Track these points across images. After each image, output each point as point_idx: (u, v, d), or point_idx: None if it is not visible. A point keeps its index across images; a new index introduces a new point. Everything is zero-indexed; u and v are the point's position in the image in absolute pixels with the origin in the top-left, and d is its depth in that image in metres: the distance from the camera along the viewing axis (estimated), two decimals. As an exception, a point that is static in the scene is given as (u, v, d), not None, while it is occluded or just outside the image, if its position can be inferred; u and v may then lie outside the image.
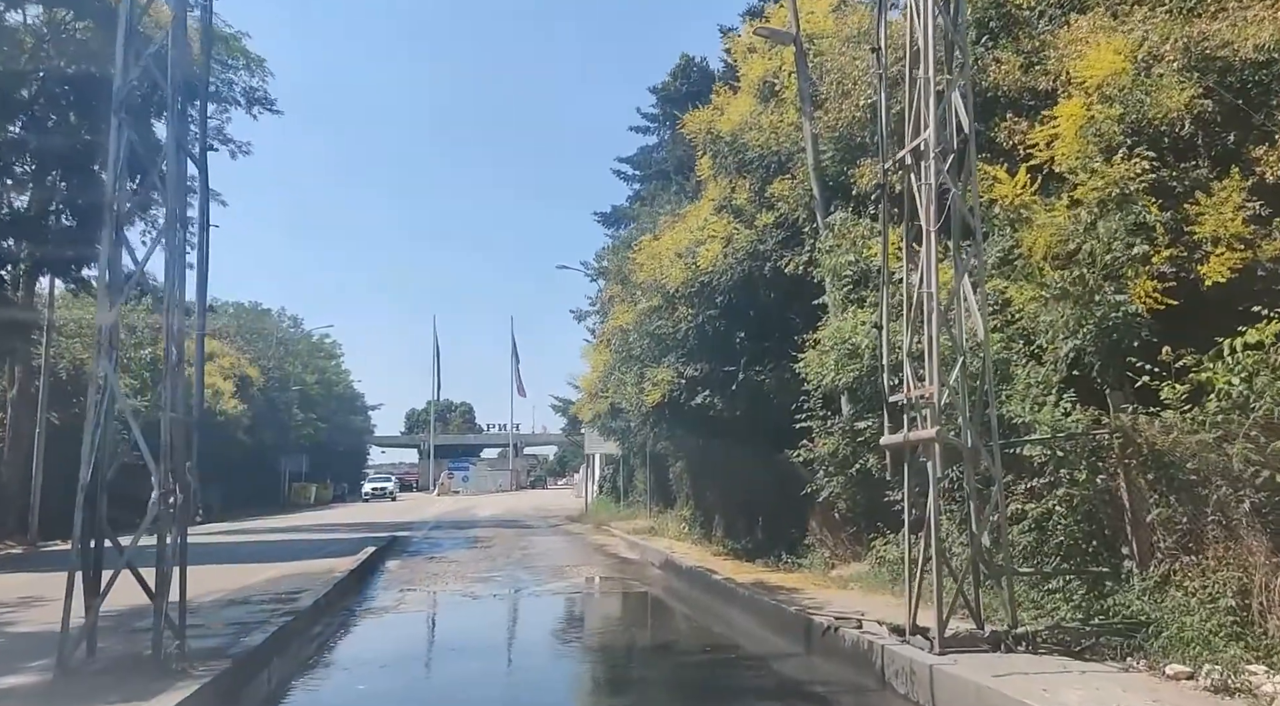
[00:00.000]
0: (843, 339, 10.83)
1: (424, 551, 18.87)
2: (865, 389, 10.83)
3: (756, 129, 14.06)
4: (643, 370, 15.63)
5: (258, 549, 18.63)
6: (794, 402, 12.99)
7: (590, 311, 28.85)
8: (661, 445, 21.23)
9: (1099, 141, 9.19)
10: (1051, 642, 7.03)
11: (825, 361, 11.22)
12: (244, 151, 29.13)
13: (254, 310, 76.02)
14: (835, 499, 12.10)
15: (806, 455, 12.41)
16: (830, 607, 9.58)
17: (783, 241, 13.68)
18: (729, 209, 14.32)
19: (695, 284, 14.29)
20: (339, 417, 78.37)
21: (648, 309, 15.36)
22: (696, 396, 14.55)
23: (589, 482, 40.50)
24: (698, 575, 13.07)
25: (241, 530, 26.31)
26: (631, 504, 30.33)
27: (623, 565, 16.46)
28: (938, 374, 7.16)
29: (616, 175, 40.78)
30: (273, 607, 9.47)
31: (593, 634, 10.59)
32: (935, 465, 7.14)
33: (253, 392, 48.95)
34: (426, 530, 26.45)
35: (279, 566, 14.09)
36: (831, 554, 13.31)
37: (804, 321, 13.66)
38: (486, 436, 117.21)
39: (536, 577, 14.44)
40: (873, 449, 11.07)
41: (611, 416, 24.18)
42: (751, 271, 13.92)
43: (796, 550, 14.00)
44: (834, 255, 11.16)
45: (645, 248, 15.77)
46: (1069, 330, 8.31)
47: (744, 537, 16.47)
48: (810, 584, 11.72)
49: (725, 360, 14.57)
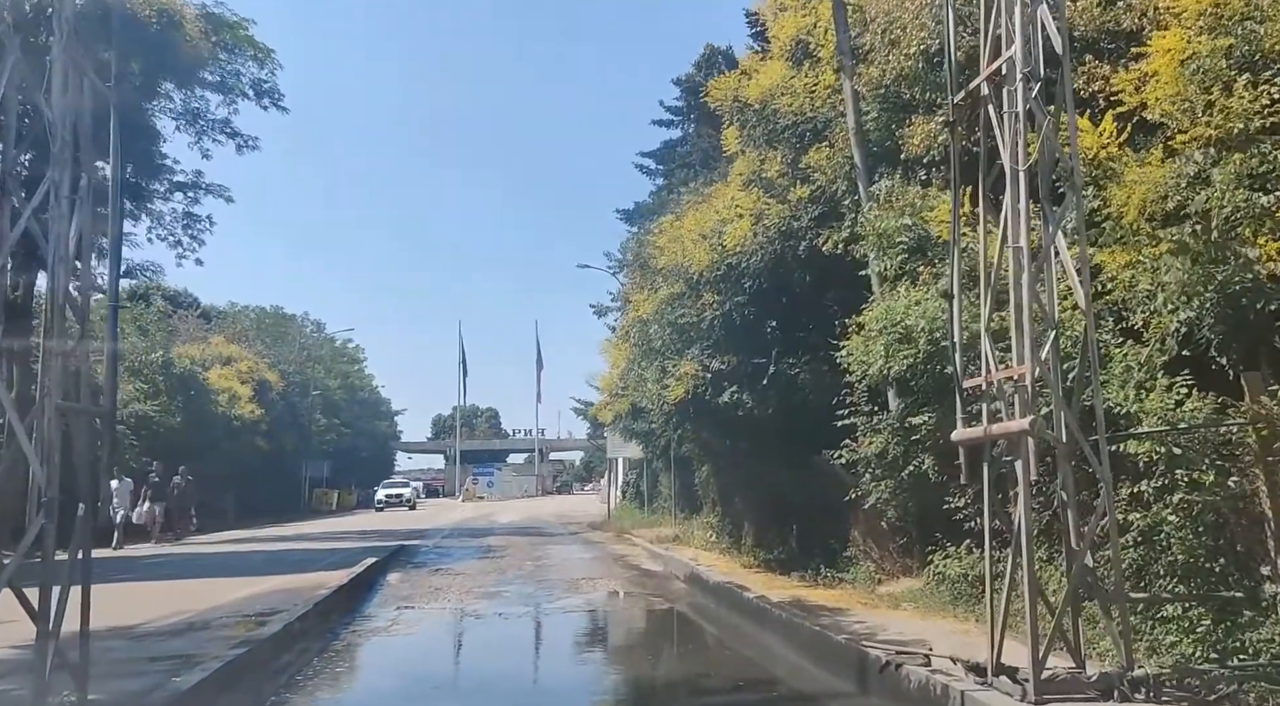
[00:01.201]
0: (893, 321, 9.36)
1: (431, 562, 17.54)
2: (921, 378, 9.34)
3: (789, 94, 12.62)
4: (664, 364, 14.21)
5: (254, 560, 17.40)
6: (832, 398, 11.55)
7: (611, 307, 27.50)
8: (686, 447, 19.76)
9: (1202, 80, 7.70)
10: (1177, 689, 5.55)
11: (872, 348, 9.76)
12: (251, 146, 28.03)
13: (275, 314, 75.48)
14: (883, 506, 10.61)
15: (849, 456, 10.95)
16: (884, 634, 8.12)
17: (819, 217, 12.23)
18: (758, 183, 12.89)
19: (721, 267, 12.87)
20: (363, 423, 77.65)
21: (669, 296, 13.94)
22: (723, 392, 13.11)
23: (612, 488, 39.10)
24: (726, 591, 11.61)
25: (248, 539, 25.15)
26: (656, 510, 28.90)
27: (644, 578, 15.03)
28: (1029, 351, 5.69)
29: (639, 170, 39.44)
30: (231, 635, 8.14)
31: (606, 664, 9.19)
32: (1028, 465, 5.68)
33: (272, 397, 48.05)
34: (439, 538, 25.15)
35: (266, 580, 12.81)
36: (877, 567, 11.82)
37: (843, 308, 12.21)
38: (512, 442, 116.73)
39: (549, 593, 13.05)
40: (929, 448, 9.60)
41: (633, 417, 22.77)
42: (784, 252, 12.48)
43: (836, 563, 12.52)
44: (884, 219, 9.68)
45: (666, 229, 14.34)
46: (1180, 299, 6.81)
47: (776, 548, 15.00)
48: (855, 602, 10.25)
49: (755, 352, 13.13)
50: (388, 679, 8.21)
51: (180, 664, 6.72)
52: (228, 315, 64.92)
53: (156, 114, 26.12)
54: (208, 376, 40.76)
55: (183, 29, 20.34)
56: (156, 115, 26.20)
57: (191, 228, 28.30)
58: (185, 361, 38.86)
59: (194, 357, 41.34)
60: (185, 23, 20.66)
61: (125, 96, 18.94)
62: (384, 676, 8.29)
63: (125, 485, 21.99)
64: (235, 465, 39.28)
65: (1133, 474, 6.85)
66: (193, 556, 18.85)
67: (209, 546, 22.27)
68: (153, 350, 36.06)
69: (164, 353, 36.47)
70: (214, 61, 25.19)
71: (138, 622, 8.83)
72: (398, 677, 8.33)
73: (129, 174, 20.72)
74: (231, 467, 38.98)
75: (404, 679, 8.25)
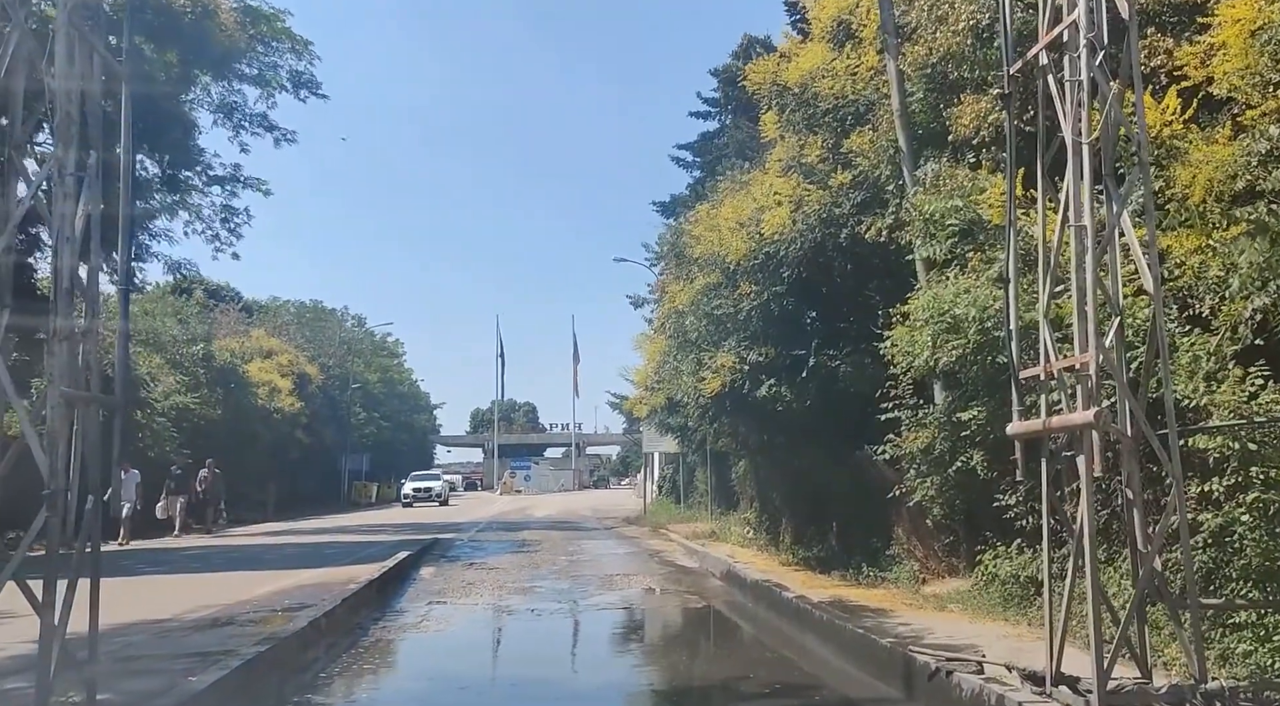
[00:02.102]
0: (941, 310, 8.92)
1: (464, 556, 17.36)
2: (971, 370, 8.91)
3: (829, 76, 12.18)
4: (700, 356, 13.84)
5: (287, 554, 17.33)
6: (875, 392, 11.15)
7: (648, 298, 27.14)
8: (722, 441, 19.38)
9: (1275, 51, 7.20)
10: (1254, 702, 5.12)
11: (918, 338, 9.33)
12: (289, 139, 28.09)
13: (316, 309, 76.12)
14: (928, 503, 10.18)
15: (893, 452, 10.54)
16: (931, 637, 7.74)
17: (861, 204, 11.80)
18: (798, 169, 12.46)
19: (759, 256, 12.47)
20: (402, 416, 78.11)
21: (705, 286, 13.57)
22: (761, 385, 12.71)
23: (648, 483, 38.82)
24: (764, 590, 11.26)
25: (286, 531, 25.21)
26: (692, 505, 28.55)
27: (679, 575, 14.71)
28: (1093, 338, 5.28)
29: (675, 162, 38.97)
30: (257, 630, 7.95)
31: (640, 665, 8.88)
32: (1091, 460, 5.26)
33: (311, 391, 48.38)
34: (474, 532, 25.03)
35: (298, 574, 12.68)
36: (921, 567, 11.39)
37: (885, 298, 11.79)
38: (549, 436, 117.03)
39: (583, 589, 12.79)
40: (978, 444, 9.16)
41: (669, 411, 22.43)
42: (824, 240, 12.06)
43: (878, 561, 12.10)
44: (932, 201, 9.24)
45: (703, 218, 13.96)
46: (1255, 284, 6.34)
47: (816, 545, 14.60)
48: (899, 603, 9.85)
49: (793, 343, 12.73)
50: (414, 680, 7.98)
51: (199, 661, 6.52)
52: (269, 309, 65.56)
53: (195, 107, 26.25)
54: (248, 369, 41.05)
55: (217, 18, 20.33)
56: (195, 108, 26.34)
57: (229, 221, 28.43)
58: (225, 354, 39.17)
59: (234, 350, 41.67)
60: (220, 13, 20.64)
61: (159, 86, 18.95)
62: (410, 676, 8.07)
63: (132, 477, 20.81)
64: (275, 458, 39.54)
65: (1201, 471, 6.40)
66: (226, 549, 18.86)
67: (244, 539, 22.34)
68: (193, 343, 36.37)
69: (204, 345, 36.76)
70: (251, 54, 25.23)
71: (164, 617, 8.70)
72: (424, 678, 8.10)
73: (165, 164, 20.76)
74: (271, 460, 39.25)
75: (431, 679, 8.01)
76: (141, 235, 24.85)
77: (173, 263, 25.88)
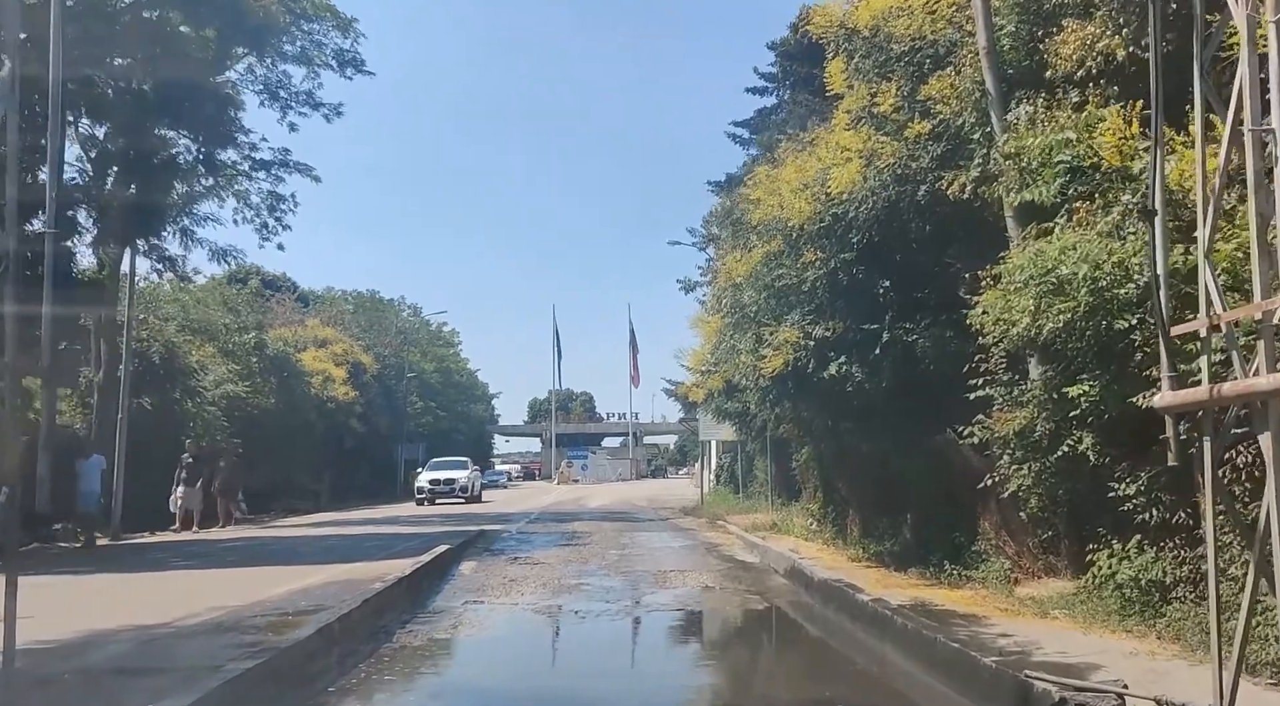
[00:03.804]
0: (1044, 269, 7.62)
1: (509, 550, 16.40)
2: (1079, 339, 7.59)
3: (905, 15, 10.84)
4: (759, 332, 12.61)
5: (327, 545, 16.57)
6: (957, 369, 9.89)
7: (700, 281, 25.96)
8: (784, 428, 18.10)
9: None
10: None
11: (1015, 303, 8.03)
12: (337, 113, 27.41)
13: (372, 298, 76.38)
14: (1025, 494, 8.88)
15: (982, 436, 9.25)
16: (1040, 652, 6.50)
17: (941, 157, 10.47)
18: (869, 121, 11.16)
19: (825, 218, 11.21)
20: (459, 406, 78.12)
21: (765, 255, 12.32)
22: (828, 364, 11.46)
23: (705, 472, 37.65)
24: (835, 591, 10.05)
25: (333, 521, 24.65)
26: (751, 495, 27.33)
27: (739, 571, 13.56)
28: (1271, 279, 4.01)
29: (731, 139, 37.58)
30: (258, 638, 7.01)
31: (696, 679, 7.76)
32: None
33: (366, 380, 48.18)
34: (524, 523, 24.13)
35: (327, 569, 11.82)
36: (1013, 565, 10.08)
37: (967, 265, 10.50)
38: (606, 425, 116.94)
39: (634, 588, 11.72)
40: (1089, 424, 7.84)
41: (726, 396, 21.23)
42: (899, 199, 10.75)
43: (961, 558, 10.80)
44: (1039, 135, 7.90)
45: (762, 181, 12.70)
46: None
47: (888, 539, 13.31)
48: (992, 608, 8.60)
49: (865, 316, 11.44)
50: (434, 698, 6.94)
51: (173, 680, 5.55)
52: (325, 299, 65.79)
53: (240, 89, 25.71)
54: (301, 358, 40.83)
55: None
56: (241, 90, 25.79)
57: (276, 208, 27.94)
58: (278, 343, 38.93)
59: (286, 339, 41.46)
60: (256, -14, 19.93)
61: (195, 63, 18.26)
62: (431, 694, 7.03)
63: (95, 462, 18.21)
64: (329, 447, 39.23)
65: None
66: (265, 541, 18.21)
67: (288, 530, 21.75)
68: (244, 331, 36.12)
69: (256, 333, 36.49)
70: (294, 30, 24.61)
71: (160, 621, 7.81)
72: (447, 694, 7.07)
73: (200, 143, 20.10)
74: (325, 450, 38.94)
75: (455, 695, 6.99)
76: (185, 220, 24.40)
77: (218, 249, 25.35)
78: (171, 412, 25.82)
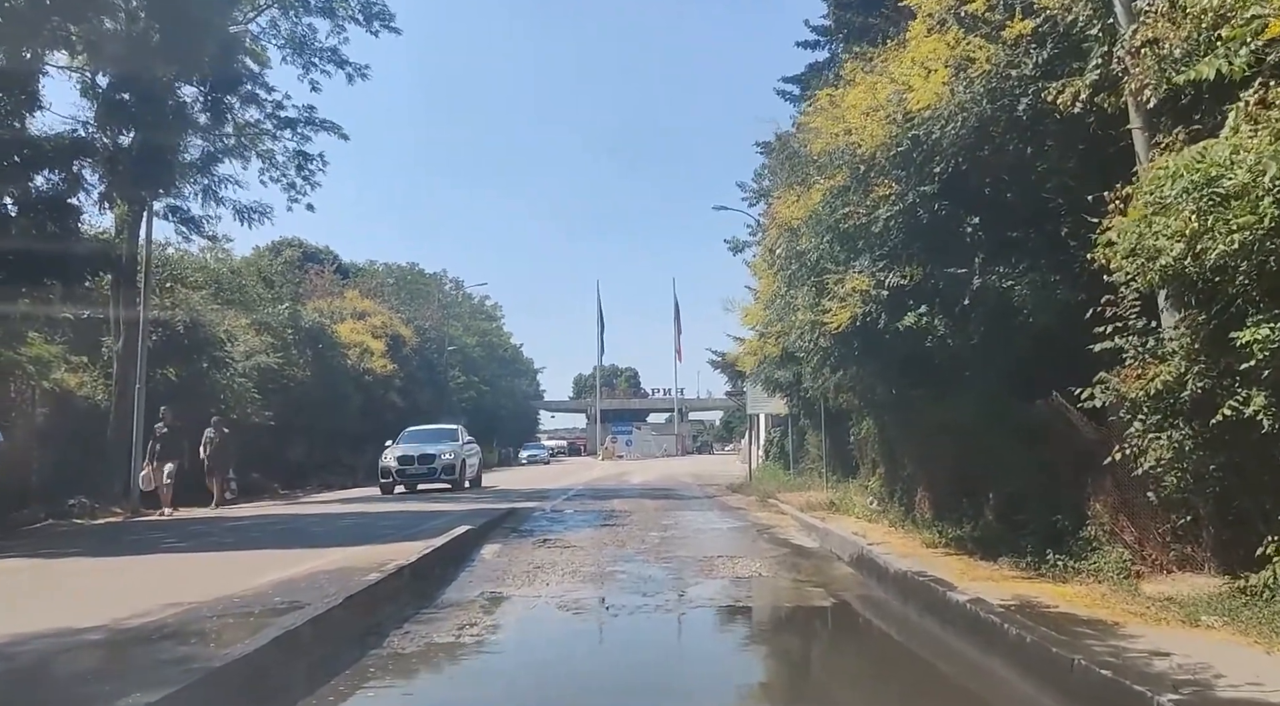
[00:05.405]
0: (1208, 177, 5.81)
1: (540, 530, 14.91)
2: (1250, 267, 5.79)
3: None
4: (821, 282, 10.87)
5: (342, 525, 15.26)
6: (1064, 321, 8.17)
7: (749, 241, 24.17)
8: (842, 398, 16.34)
9: None
10: None
11: (1162, 226, 6.25)
12: (362, 74, 26.14)
13: (414, 272, 75.72)
14: (1162, 469, 7.09)
15: (1105, 398, 7.47)
16: (1223, 682, 4.81)
17: (1048, 62, 8.64)
18: (956, 23, 9.32)
19: (902, 142, 9.40)
20: (503, 382, 77.42)
21: (828, 192, 10.52)
22: (904, 315, 9.69)
23: (753, 447, 35.96)
24: (916, 586, 8.35)
25: (360, 498, 23.51)
26: (802, 471, 25.61)
27: (797, 558, 11.89)
28: None
29: (780, 95, 35.54)
30: (191, 651, 5.50)
31: (749, 702, 6.14)
32: None
33: (406, 353, 47.27)
34: (561, 499, 22.69)
35: (327, 554, 10.40)
36: (1135, 556, 8.30)
37: (1074, 198, 8.73)
38: (651, 401, 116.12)
39: (675, 577, 10.13)
40: (1263, 380, 6.05)
41: (779, 364, 19.50)
42: (993, 116, 8.94)
43: (1064, 545, 9.05)
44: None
45: (823, 107, 10.88)
46: None
47: (966, 522, 11.57)
48: (1120, 610, 6.86)
49: (949, 260, 9.63)
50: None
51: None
52: (365, 272, 65.08)
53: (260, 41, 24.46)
54: (337, 330, 39.91)
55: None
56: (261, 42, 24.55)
57: (304, 167, 26.82)
58: (314, 314, 38.01)
59: (322, 310, 40.53)
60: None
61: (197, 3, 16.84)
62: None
63: None
64: (368, 421, 38.23)
65: None
66: (277, 519, 16.92)
67: (308, 507, 20.56)
68: (279, 302, 35.19)
69: (290, 304, 35.54)
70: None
71: (96, 622, 6.36)
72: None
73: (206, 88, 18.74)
74: (364, 423, 37.98)
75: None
76: (206, 180, 23.23)
77: (242, 207, 24.19)
78: (201, 383, 24.82)
